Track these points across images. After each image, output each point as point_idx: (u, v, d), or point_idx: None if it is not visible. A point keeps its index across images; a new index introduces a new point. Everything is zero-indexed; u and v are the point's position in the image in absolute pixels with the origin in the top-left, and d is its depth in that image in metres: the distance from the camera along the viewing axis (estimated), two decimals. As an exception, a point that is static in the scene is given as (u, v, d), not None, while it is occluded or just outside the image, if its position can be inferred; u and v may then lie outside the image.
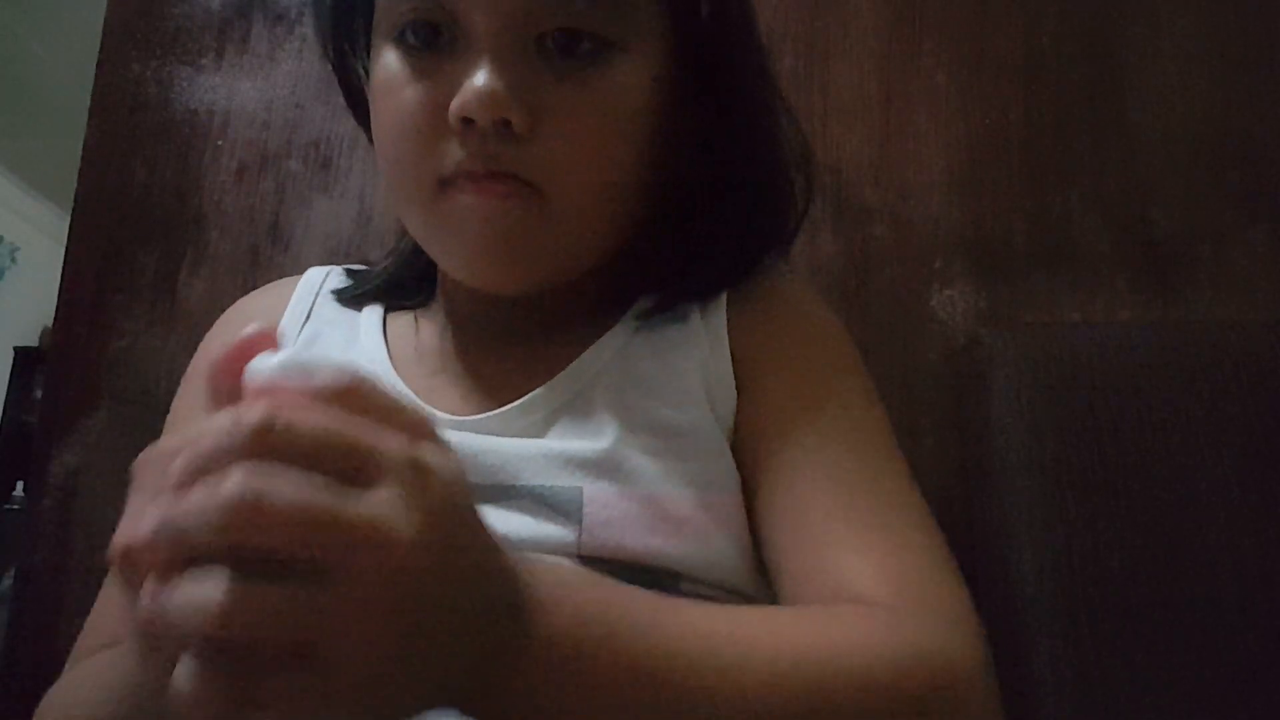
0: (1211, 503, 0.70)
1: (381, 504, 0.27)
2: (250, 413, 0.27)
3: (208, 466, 0.27)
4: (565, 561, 0.46)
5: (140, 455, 0.30)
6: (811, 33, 0.95)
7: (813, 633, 0.40)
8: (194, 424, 0.29)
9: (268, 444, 0.27)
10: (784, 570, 0.49)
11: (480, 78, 0.48)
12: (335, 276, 0.65)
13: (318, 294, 0.63)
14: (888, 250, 0.90)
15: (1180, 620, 0.68)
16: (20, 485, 3.03)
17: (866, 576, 0.46)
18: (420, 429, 0.30)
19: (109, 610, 0.53)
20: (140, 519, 0.28)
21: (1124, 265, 0.88)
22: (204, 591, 0.26)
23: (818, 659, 0.38)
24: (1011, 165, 0.91)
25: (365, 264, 0.67)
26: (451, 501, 0.30)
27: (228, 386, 0.30)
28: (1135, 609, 0.68)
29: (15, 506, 3.07)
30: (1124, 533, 0.70)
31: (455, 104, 0.48)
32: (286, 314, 0.62)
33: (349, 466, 0.28)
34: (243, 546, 0.26)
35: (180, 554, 0.27)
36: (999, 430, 0.75)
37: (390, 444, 0.29)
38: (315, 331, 0.60)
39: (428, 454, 0.29)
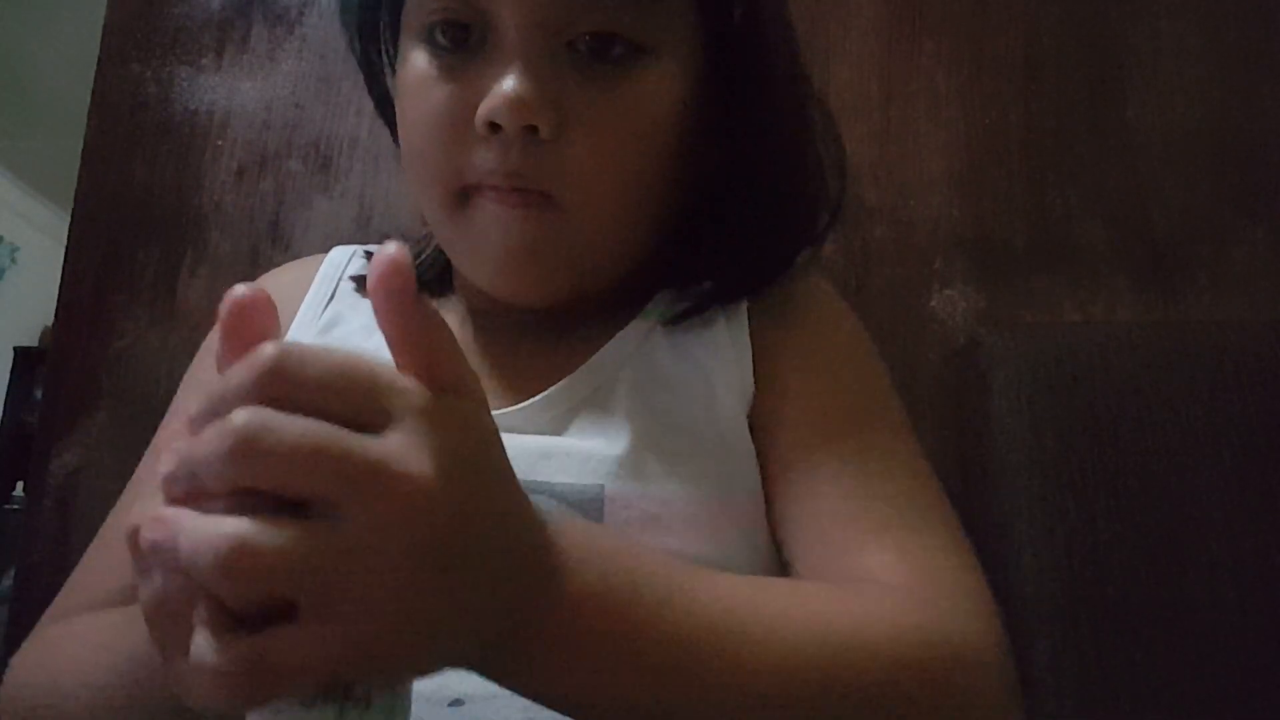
0: (1211, 503, 0.70)
1: (392, 444, 0.27)
2: (262, 352, 0.27)
3: (219, 408, 0.27)
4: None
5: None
6: (811, 33, 0.95)
7: (837, 606, 0.40)
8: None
9: (276, 383, 0.27)
10: (802, 560, 0.49)
11: (509, 83, 0.47)
12: (359, 259, 0.64)
13: (341, 276, 0.62)
14: (888, 250, 0.90)
15: (1180, 620, 0.68)
16: (20, 485, 3.03)
17: (886, 562, 0.46)
18: (463, 378, 0.30)
19: (98, 568, 0.52)
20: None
21: (1124, 265, 0.88)
22: (213, 527, 0.26)
23: (841, 631, 0.38)
24: (1011, 165, 0.91)
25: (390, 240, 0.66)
26: (471, 447, 0.29)
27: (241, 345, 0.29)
28: (1135, 609, 0.68)
29: (15, 506, 3.08)
30: (1124, 533, 0.70)
31: (483, 109, 0.47)
32: (309, 295, 0.61)
33: (360, 408, 0.27)
34: (250, 486, 0.26)
35: (191, 493, 0.27)
36: (999, 430, 0.75)
37: (404, 384, 0.28)
38: (337, 314, 0.59)
39: (449, 398, 0.29)
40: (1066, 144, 0.91)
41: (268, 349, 0.27)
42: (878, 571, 0.45)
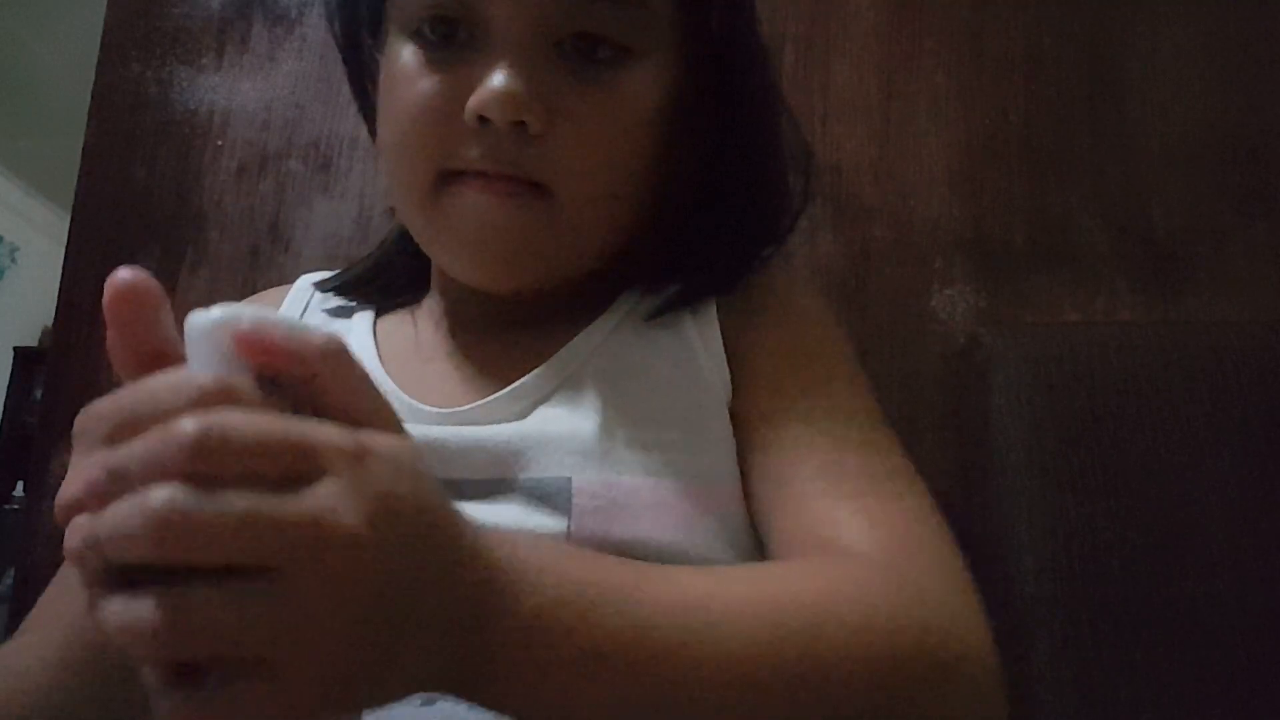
0: (1211, 503, 0.70)
1: (322, 498, 0.26)
2: (181, 429, 0.26)
3: (125, 480, 0.26)
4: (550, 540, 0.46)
5: (82, 414, 0.29)
6: (811, 33, 0.95)
7: (803, 589, 0.40)
8: (134, 388, 0.28)
9: (199, 462, 0.25)
10: (774, 537, 0.49)
11: (499, 78, 0.48)
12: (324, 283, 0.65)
13: (308, 303, 0.63)
14: (888, 250, 0.90)
15: (1180, 620, 0.68)
16: (20, 485, 3.04)
17: (856, 530, 0.45)
18: (380, 414, 0.30)
19: (47, 606, 0.51)
20: (77, 480, 0.27)
21: (1124, 265, 0.88)
22: (137, 610, 0.25)
23: (808, 615, 0.38)
24: (1011, 165, 0.91)
25: (348, 262, 0.67)
26: (403, 487, 0.29)
27: (138, 344, 0.29)
28: (1135, 609, 0.68)
29: (15, 507, 3.08)
30: (1124, 533, 0.70)
31: (473, 102, 0.48)
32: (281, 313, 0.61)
33: (288, 467, 0.26)
34: (174, 560, 0.25)
35: (107, 567, 0.26)
36: (999, 430, 0.75)
37: (329, 436, 0.28)
38: None
39: (376, 441, 0.28)
40: (1066, 144, 0.91)
41: (187, 426, 0.26)
42: (849, 541, 0.45)
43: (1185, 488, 0.71)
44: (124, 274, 0.29)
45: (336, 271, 0.65)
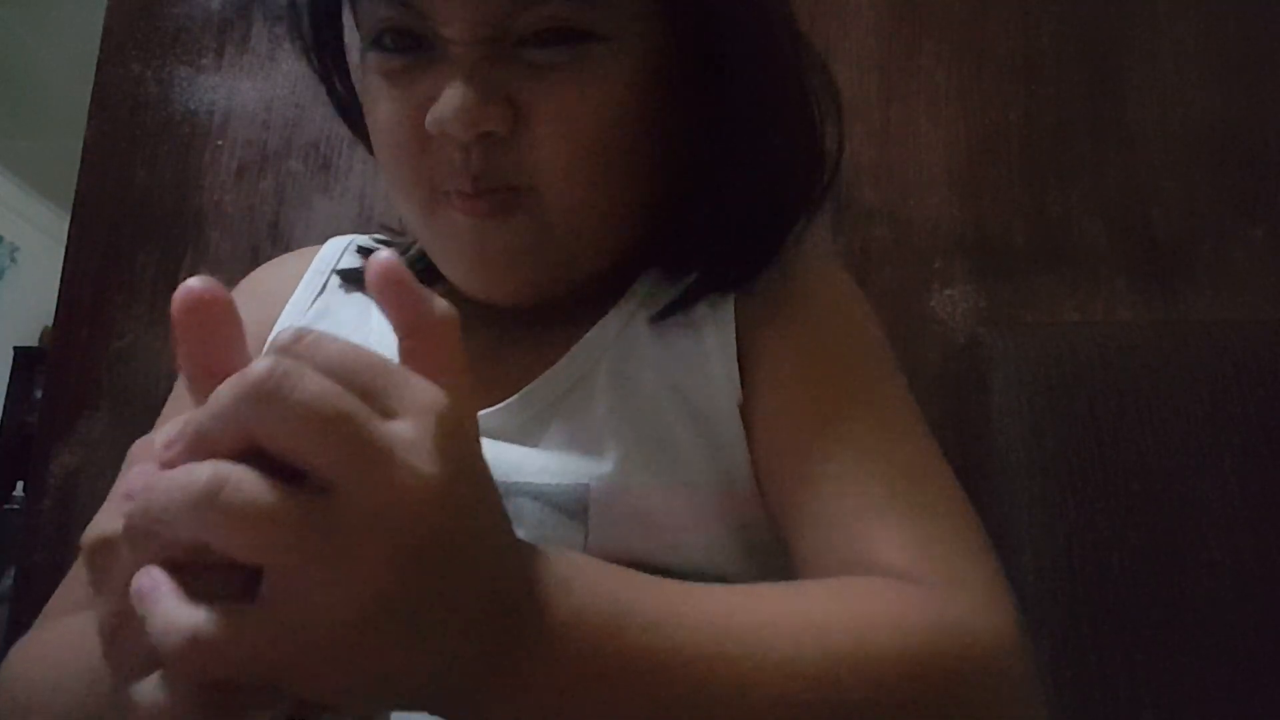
0: (1211, 502, 0.70)
1: (406, 434, 0.26)
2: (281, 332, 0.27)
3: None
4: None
5: (135, 444, 0.28)
6: (811, 33, 0.94)
7: (837, 609, 0.38)
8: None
9: (294, 350, 0.26)
10: (802, 552, 0.47)
11: (451, 93, 0.46)
12: (351, 254, 0.63)
13: (334, 267, 0.62)
14: (888, 250, 0.90)
15: (1180, 620, 0.68)
16: (20, 485, 3.03)
17: (889, 548, 0.43)
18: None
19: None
20: (119, 512, 0.26)
21: (1124, 265, 0.89)
22: (189, 476, 0.25)
23: (842, 636, 0.36)
24: (1011, 165, 0.91)
25: (388, 232, 0.66)
26: (473, 458, 0.28)
27: (212, 363, 0.28)
28: (1135, 609, 0.68)
29: (15, 506, 3.08)
30: (1124, 533, 0.70)
31: (429, 121, 0.47)
32: (300, 286, 0.61)
33: (373, 395, 0.27)
34: (253, 446, 0.25)
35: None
36: (999, 430, 0.75)
37: (419, 381, 0.28)
38: (326, 305, 0.59)
39: (457, 404, 0.28)
40: (1066, 144, 0.91)
41: (285, 331, 0.27)
42: (881, 558, 0.43)
43: (1185, 487, 0.71)
44: (193, 284, 0.28)
45: (360, 247, 0.64)
